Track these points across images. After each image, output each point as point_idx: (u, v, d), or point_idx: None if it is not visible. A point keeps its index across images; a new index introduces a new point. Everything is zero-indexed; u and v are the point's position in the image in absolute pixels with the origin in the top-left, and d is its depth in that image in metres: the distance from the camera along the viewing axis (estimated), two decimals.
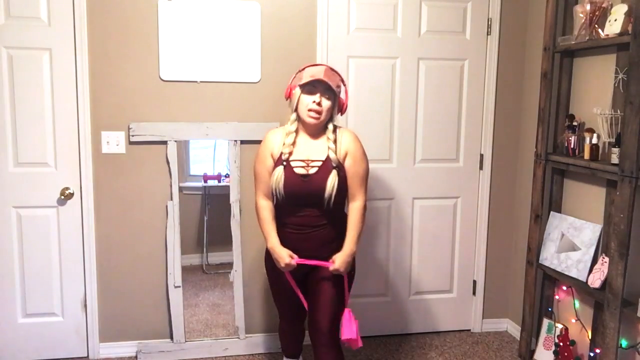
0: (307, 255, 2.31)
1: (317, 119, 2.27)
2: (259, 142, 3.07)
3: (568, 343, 2.82)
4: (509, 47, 3.29)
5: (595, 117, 2.57)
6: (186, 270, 3.53)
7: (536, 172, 2.94)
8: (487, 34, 3.26)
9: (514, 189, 3.43)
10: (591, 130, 2.58)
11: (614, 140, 2.43)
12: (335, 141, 2.31)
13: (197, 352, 3.11)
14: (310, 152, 2.31)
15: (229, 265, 3.18)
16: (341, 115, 2.42)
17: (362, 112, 3.18)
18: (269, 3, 3.02)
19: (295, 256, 2.30)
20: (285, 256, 2.28)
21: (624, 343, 2.39)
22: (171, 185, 3.04)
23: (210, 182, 3.79)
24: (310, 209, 2.29)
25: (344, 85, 2.36)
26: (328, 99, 2.27)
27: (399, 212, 3.32)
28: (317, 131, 2.34)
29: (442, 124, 3.29)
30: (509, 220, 3.46)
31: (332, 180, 2.25)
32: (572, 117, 2.75)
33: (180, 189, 3.10)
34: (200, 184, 3.81)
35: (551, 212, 2.97)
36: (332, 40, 3.09)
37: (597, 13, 2.54)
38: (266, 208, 2.37)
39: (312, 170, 2.27)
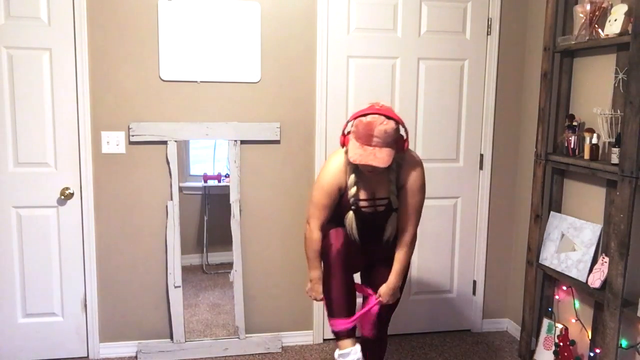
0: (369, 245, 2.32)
1: (374, 174, 2.16)
2: (259, 142, 3.10)
3: (568, 343, 2.82)
4: (509, 47, 3.29)
5: (595, 117, 2.57)
6: (186, 270, 3.53)
7: (536, 172, 2.94)
8: (487, 34, 3.26)
9: (514, 189, 3.43)
10: (591, 130, 2.58)
11: (614, 140, 2.43)
12: (397, 177, 2.21)
13: (197, 352, 3.11)
14: (375, 189, 2.23)
15: (229, 265, 3.18)
16: (403, 152, 2.20)
17: None
18: (269, 3, 3.02)
19: None
20: (320, 292, 2.29)
21: (624, 343, 2.39)
22: (171, 185, 3.04)
23: (210, 182, 3.78)
24: (372, 240, 2.30)
25: (403, 126, 2.14)
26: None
27: None
28: None
29: (442, 124, 3.29)
30: (509, 220, 3.46)
31: (392, 224, 2.25)
32: (572, 117, 2.76)
33: (180, 189, 3.10)
34: (200, 184, 3.80)
35: (551, 212, 2.97)
36: (332, 40, 3.09)
37: (597, 13, 2.54)
38: (318, 241, 2.27)
39: (380, 209, 2.24)
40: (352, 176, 2.19)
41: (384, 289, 2.29)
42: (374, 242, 2.30)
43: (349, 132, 2.15)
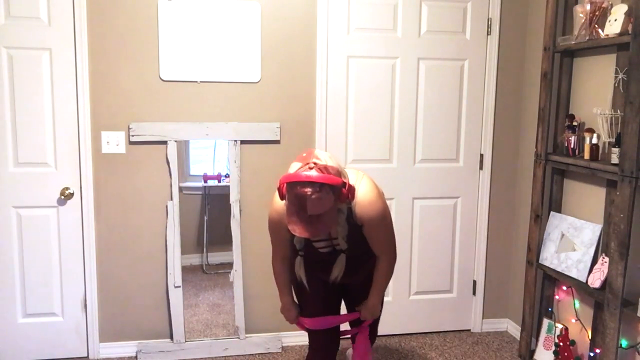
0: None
1: None
2: (259, 142, 3.10)
3: (568, 343, 2.82)
4: (509, 47, 3.29)
5: (595, 117, 2.57)
6: (186, 270, 3.53)
7: (536, 172, 2.94)
8: (487, 34, 3.26)
9: (514, 189, 3.43)
10: (591, 130, 2.58)
11: (614, 140, 2.43)
12: (351, 217, 2.03)
13: (197, 352, 3.11)
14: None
15: (229, 265, 3.18)
16: (350, 201, 1.99)
17: (362, 112, 3.18)
18: (269, 3, 3.02)
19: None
20: (293, 318, 2.28)
21: (624, 343, 2.39)
22: (171, 185, 3.04)
23: (210, 182, 3.78)
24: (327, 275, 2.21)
25: (337, 185, 1.87)
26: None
27: (399, 212, 3.31)
28: None
29: (442, 124, 3.29)
30: (509, 220, 3.46)
31: (339, 267, 2.11)
32: (572, 117, 2.75)
33: (180, 189, 3.10)
34: (200, 184, 3.80)
35: (551, 212, 2.97)
36: (332, 40, 3.09)
37: (597, 13, 2.54)
38: (283, 272, 2.24)
39: (338, 247, 2.10)
40: None
41: (364, 308, 2.25)
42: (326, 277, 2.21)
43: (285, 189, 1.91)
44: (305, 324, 2.29)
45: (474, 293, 3.49)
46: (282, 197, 1.94)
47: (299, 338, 3.28)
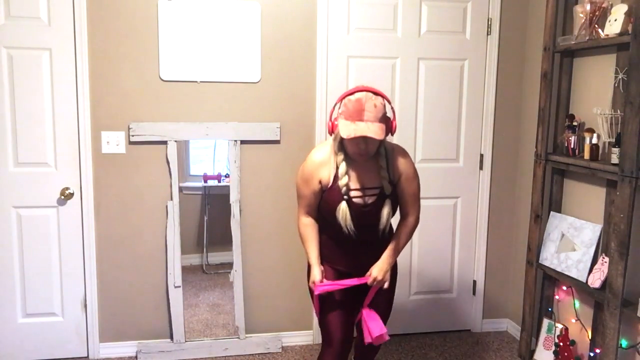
0: (358, 271, 2.24)
1: (366, 157, 2.12)
2: (259, 142, 3.10)
3: (568, 343, 2.82)
4: (509, 47, 3.29)
5: (595, 117, 2.57)
6: (186, 270, 3.53)
7: (536, 172, 2.94)
8: (487, 34, 3.27)
9: (514, 189, 3.43)
10: (591, 130, 2.58)
11: (614, 140, 2.43)
12: (387, 167, 2.17)
13: (197, 352, 3.11)
14: (364, 179, 2.16)
15: (229, 265, 3.18)
16: (392, 135, 2.17)
17: None
18: (269, 3, 3.02)
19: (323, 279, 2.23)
20: (317, 275, 2.21)
21: (624, 343, 2.39)
22: (171, 185, 3.05)
23: (210, 182, 3.79)
24: (366, 233, 2.20)
25: (390, 103, 2.14)
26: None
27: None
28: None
29: (442, 124, 3.29)
30: (509, 220, 3.46)
31: (387, 211, 2.17)
32: (572, 117, 2.76)
33: (180, 189, 3.10)
34: (200, 184, 3.81)
35: (551, 212, 2.97)
36: (332, 40, 3.10)
37: (597, 13, 2.54)
38: (308, 225, 2.26)
39: (370, 200, 2.16)
40: (343, 165, 2.14)
41: (376, 265, 2.20)
42: (369, 233, 2.20)
43: (336, 119, 2.12)
44: (319, 290, 2.21)
45: (474, 293, 3.49)
46: (332, 128, 2.14)
47: (299, 338, 3.29)
